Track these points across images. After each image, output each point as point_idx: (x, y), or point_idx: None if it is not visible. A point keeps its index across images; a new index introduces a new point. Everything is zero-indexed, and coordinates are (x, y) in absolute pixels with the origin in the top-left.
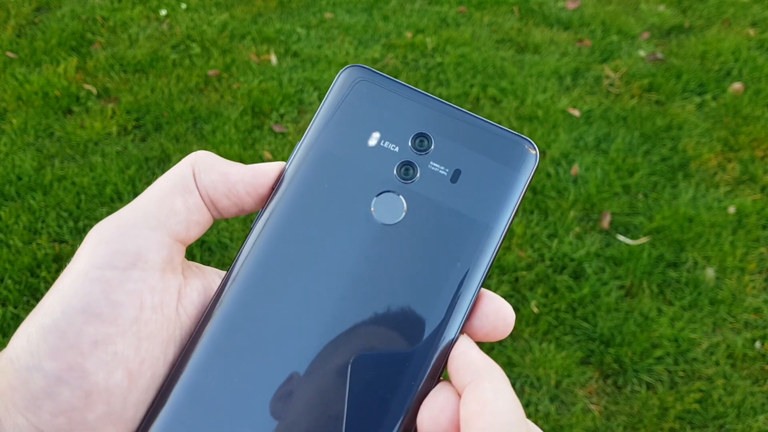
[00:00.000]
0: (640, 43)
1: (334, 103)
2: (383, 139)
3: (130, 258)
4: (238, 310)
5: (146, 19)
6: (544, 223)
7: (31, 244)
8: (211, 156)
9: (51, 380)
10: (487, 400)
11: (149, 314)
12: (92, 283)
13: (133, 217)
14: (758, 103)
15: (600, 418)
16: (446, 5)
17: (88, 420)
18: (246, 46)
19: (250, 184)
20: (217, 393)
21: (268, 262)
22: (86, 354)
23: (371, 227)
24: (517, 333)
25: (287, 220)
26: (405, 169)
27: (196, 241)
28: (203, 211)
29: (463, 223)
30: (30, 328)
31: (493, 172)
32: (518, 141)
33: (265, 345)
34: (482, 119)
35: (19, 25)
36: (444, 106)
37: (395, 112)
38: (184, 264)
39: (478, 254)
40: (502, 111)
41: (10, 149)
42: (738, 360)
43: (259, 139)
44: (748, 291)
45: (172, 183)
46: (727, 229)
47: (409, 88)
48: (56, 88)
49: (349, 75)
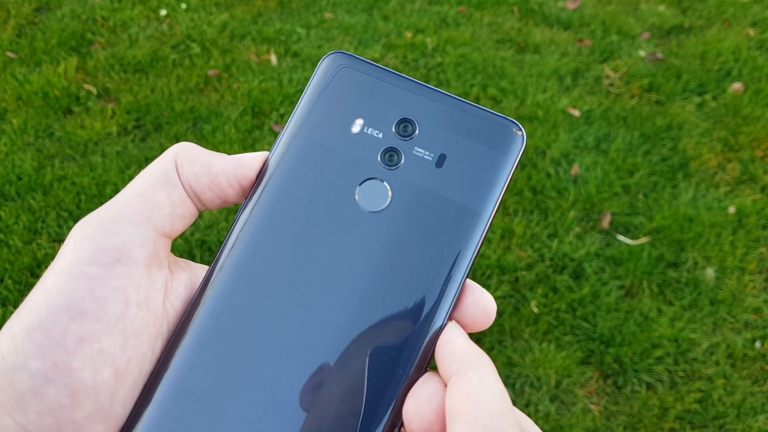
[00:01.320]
0: (640, 43)
1: (317, 91)
2: (366, 125)
3: (114, 254)
4: (223, 302)
5: (146, 19)
6: (544, 223)
7: (31, 244)
8: (194, 147)
9: (37, 379)
10: (472, 391)
11: (135, 310)
12: (76, 280)
13: (116, 213)
14: (758, 103)
15: (600, 418)
16: (446, 5)
17: (75, 418)
18: (246, 46)
19: (232, 176)
20: (203, 386)
21: (253, 253)
22: (72, 352)
23: (356, 215)
24: (517, 333)
25: (271, 211)
26: (389, 155)
27: (196, 241)
28: (187, 204)
29: (450, 209)
30: (14, 328)
31: (479, 156)
32: (504, 123)
33: (250, 336)
34: (467, 102)
35: (19, 25)
36: (428, 91)
37: (378, 98)
38: (170, 259)
39: (465, 240)
40: (502, 111)
41: (10, 149)
42: (738, 360)
43: (259, 139)
44: (748, 291)
45: (154, 177)
46: (727, 229)
47: (392, 73)
48: (56, 88)
49: (331, 61)
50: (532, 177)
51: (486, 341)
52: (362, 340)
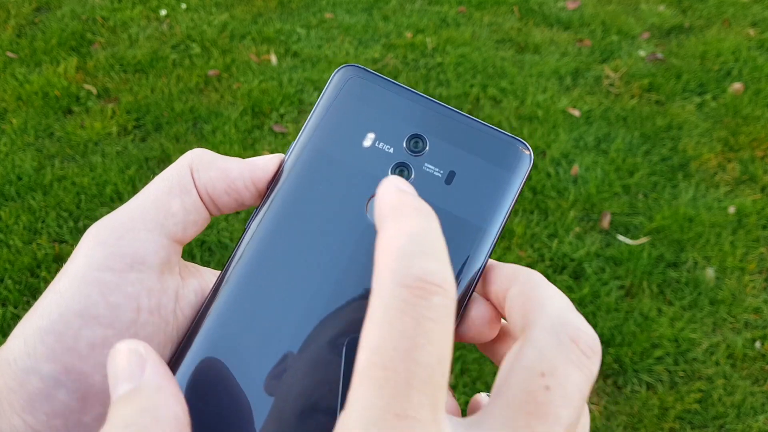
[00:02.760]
0: (640, 43)
1: (330, 103)
2: (378, 140)
3: (127, 260)
4: (232, 309)
5: (146, 19)
6: (544, 223)
7: (31, 244)
8: (209, 153)
9: (48, 382)
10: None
11: (147, 317)
12: (89, 286)
13: (130, 219)
14: (758, 103)
15: (600, 418)
16: (446, 5)
17: (84, 422)
18: (246, 46)
19: (249, 179)
20: (212, 392)
21: (262, 262)
22: (84, 357)
23: (366, 229)
24: None
25: (282, 222)
26: (399, 170)
27: (196, 241)
28: (201, 210)
29: (457, 225)
30: (27, 330)
31: (488, 174)
32: (512, 142)
33: (258, 345)
34: (477, 120)
35: (19, 25)
36: (439, 107)
37: (390, 113)
38: (180, 264)
39: (472, 255)
40: (502, 111)
41: (10, 149)
42: (738, 360)
43: (259, 139)
44: (748, 291)
45: (169, 183)
46: (727, 229)
47: (404, 88)
48: (56, 88)
49: (344, 75)
50: (532, 177)
51: None
52: None
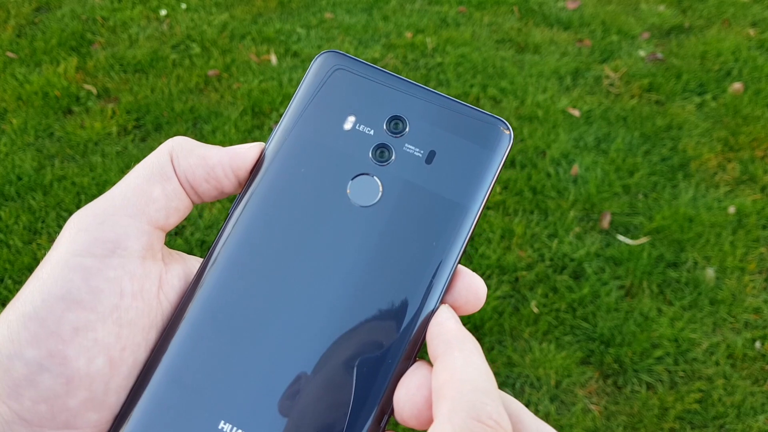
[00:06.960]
0: (640, 43)
1: (310, 88)
2: (358, 122)
3: (109, 245)
4: (217, 293)
5: (146, 19)
6: (544, 223)
7: (31, 244)
8: (189, 141)
9: (32, 367)
10: (456, 369)
11: (129, 301)
12: (72, 271)
13: (112, 205)
14: (758, 103)
15: (600, 418)
16: (446, 5)
17: (70, 406)
18: (246, 46)
19: (228, 167)
20: (197, 376)
21: (246, 246)
22: (67, 341)
23: (348, 209)
24: (517, 333)
25: (265, 206)
26: (380, 151)
27: (196, 241)
28: (182, 197)
29: (439, 204)
30: (10, 316)
31: (468, 153)
32: (492, 122)
33: (243, 327)
34: (457, 101)
35: (19, 25)
36: (418, 89)
37: (370, 96)
38: (164, 251)
39: (454, 233)
40: (502, 111)
41: (10, 149)
42: (738, 360)
43: (259, 139)
44: (748, 291)
45: (149, 170)
46: (727, 229)
47: (383, 71)
48: (56, 88)
49: (324, 60)
50: (532, 177)
51: (486, 341)
52: (354, 331)
